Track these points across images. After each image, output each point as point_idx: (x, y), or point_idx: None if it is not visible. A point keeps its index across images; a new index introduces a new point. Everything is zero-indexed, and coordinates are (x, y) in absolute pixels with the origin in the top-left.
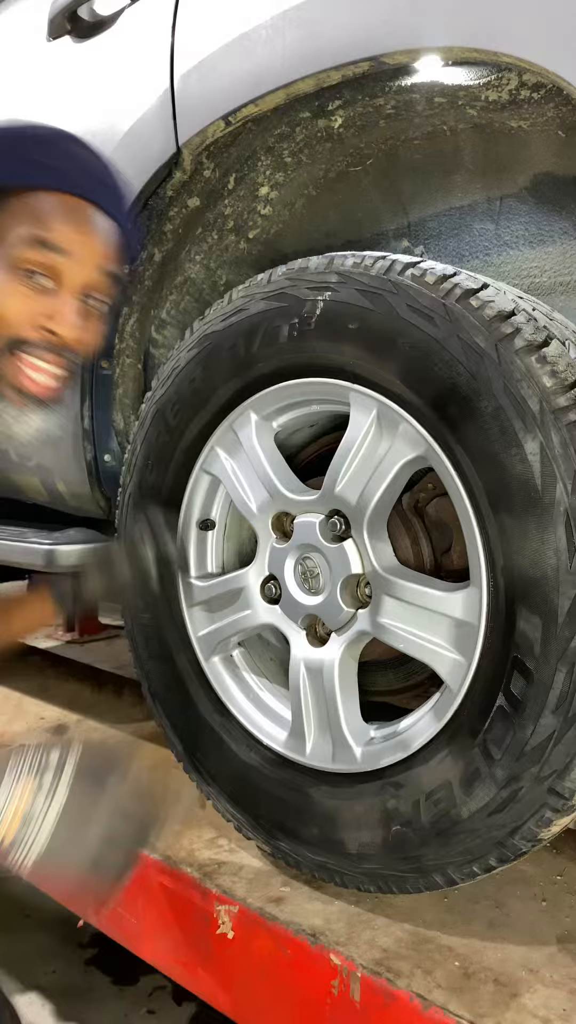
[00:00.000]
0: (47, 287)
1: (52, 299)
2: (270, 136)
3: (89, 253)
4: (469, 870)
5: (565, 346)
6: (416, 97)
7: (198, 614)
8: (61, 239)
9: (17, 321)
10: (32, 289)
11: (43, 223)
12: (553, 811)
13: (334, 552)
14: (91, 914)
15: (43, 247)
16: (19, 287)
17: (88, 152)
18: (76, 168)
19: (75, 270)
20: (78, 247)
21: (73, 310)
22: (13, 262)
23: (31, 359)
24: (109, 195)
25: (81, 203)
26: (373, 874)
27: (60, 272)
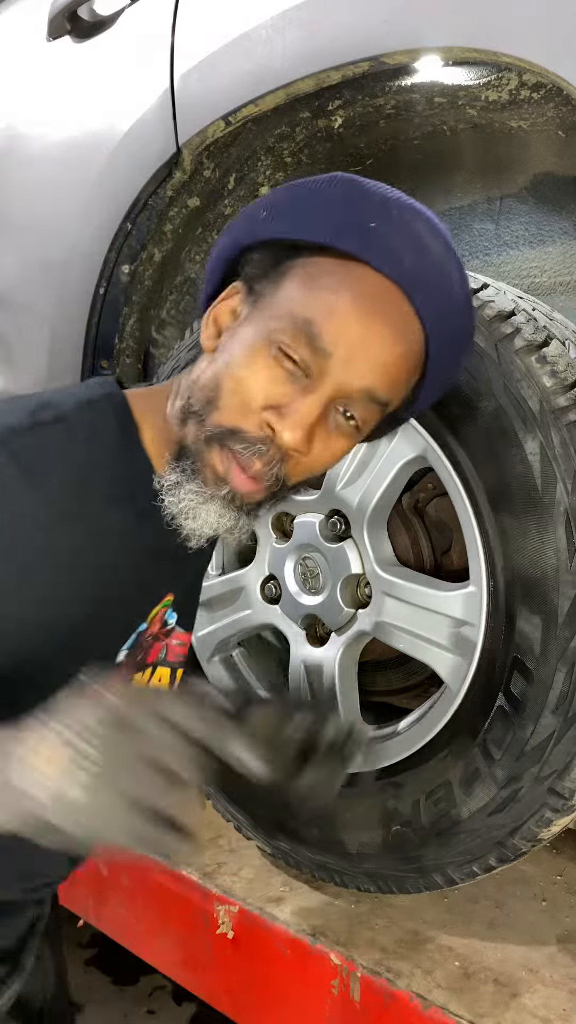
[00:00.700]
0: (298, 377)
1: (297, 394)
2: (270, 136)
3: (367, 364)
4: (469, 870)
5: (565, 346)
6: (416, 97)
7: (198, 614)
8: (333, 333)
9: (248, 399)
10: (284, 375)
11: (321, 305)
12: (553, 811)
13: (334, 552)
14: (91, 914)
15: (309, 336)
16: (268, 363)
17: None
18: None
19: (343, 379)
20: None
21: (309, 416)
22: (272, 335)
23: (241, 455)
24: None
25: (392, 292)
26: (373, 874)
27: (325, 374)
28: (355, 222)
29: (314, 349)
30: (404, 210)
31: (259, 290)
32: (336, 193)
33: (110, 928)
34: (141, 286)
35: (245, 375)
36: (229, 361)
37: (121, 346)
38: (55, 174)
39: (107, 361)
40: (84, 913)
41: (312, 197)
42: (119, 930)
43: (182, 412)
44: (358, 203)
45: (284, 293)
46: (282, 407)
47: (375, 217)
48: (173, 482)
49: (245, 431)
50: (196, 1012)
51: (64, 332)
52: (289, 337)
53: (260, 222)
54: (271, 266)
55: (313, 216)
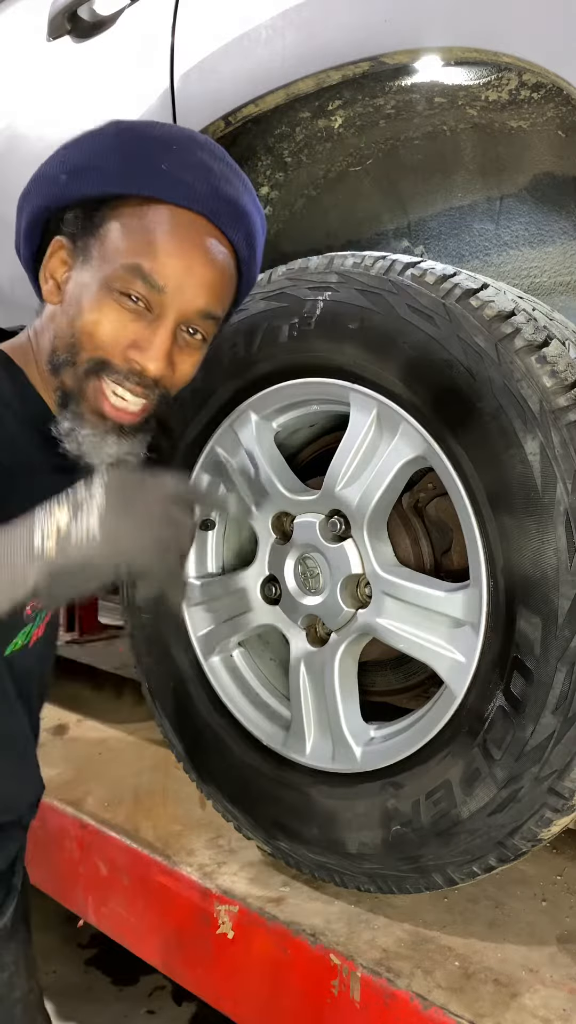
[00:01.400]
0: (143, 313)
1: (146, 328)
2: (270, 136)
3: (194, 288)
4: (469, 870)
5: (565, 346)
6: (416, 97)
7: (198, 614)
8: (162, 271)
9: (107, 343)
10: (129, 315)
11: (146, 248)
12: (553, 811)
13: (334, 552)
14: (91, 914)
15: (143, 279)
16: (112, 308)
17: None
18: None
19: (179, 306)
20: (182, 281)
21: (163, 342)
22: (110, 283)
23: (116, 386)
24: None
25: (196, 222)
26: (373, 874)
27: (164, 307)
28: (148, 167)
29: (149, 287)
30: (183, 143)
31: (83, 244)
32: (123, 144)
33: (110, 928)
34: None
35: (98, 319)
36: (80, 310)
37: None
38: None
39: None
40: (84, 913)
41: (102, 152)
42: (119, 930)
43: (52, 363)
44: (145, 148)
45: (109, 243)
46: (139, 342)
47: (163, 158)
48: (68, 428)
49: (113, 363)
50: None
51: None
52: (126, 282)
53: (63, 185)
54: (87, 220)
55: (109, 171)
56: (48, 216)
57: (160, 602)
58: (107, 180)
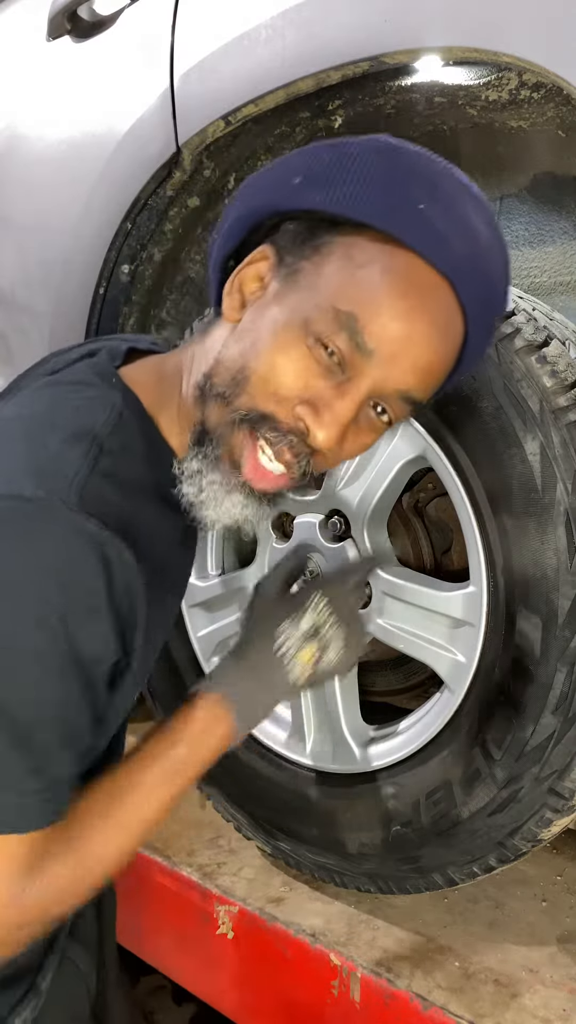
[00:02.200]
0: (334, 371)
1: (332, 390)
2: (270, 136)
3: (406, 366)
4: (469, 870)
5: (565, 346)
6: (416, 97)
7: (198, 614)
8: (375, 331)
9: (281, 393)
10: (319, 367)
11: (366, 299)
12: (553, 811)
13: (334, 552)
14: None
15: (350, 332)
16: (303, 352)
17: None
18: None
19: (380, 377)
20: (395, 350)
21: (344, 418)
22: (310, 324)
23: (267, 445)
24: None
25: (438, 285)
26: (373, 874)
27: (361, 371)
28: (402, 202)
29: (355, 345)
30: (452, 187)
31: (292, 264)
32: (380, 165)
33: None
34: (141, 286)
35: (279, 363)
36: (260, 343)
37: None
38: (55, 174)
39: None
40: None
41: (353, 167)
42: (119, 930)
43: (201, 391)
44: (405, 179)
45: (323, 276)
46: (318, 403)
47: (423, 196)
48: (194, 470)
49: (278, 419)
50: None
51: (64, 332)
52: (329, 329)
53: (294, 188)
54: (306, 239)
55: (355, 190)
56: (261, 220)
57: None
58: (351, 201)
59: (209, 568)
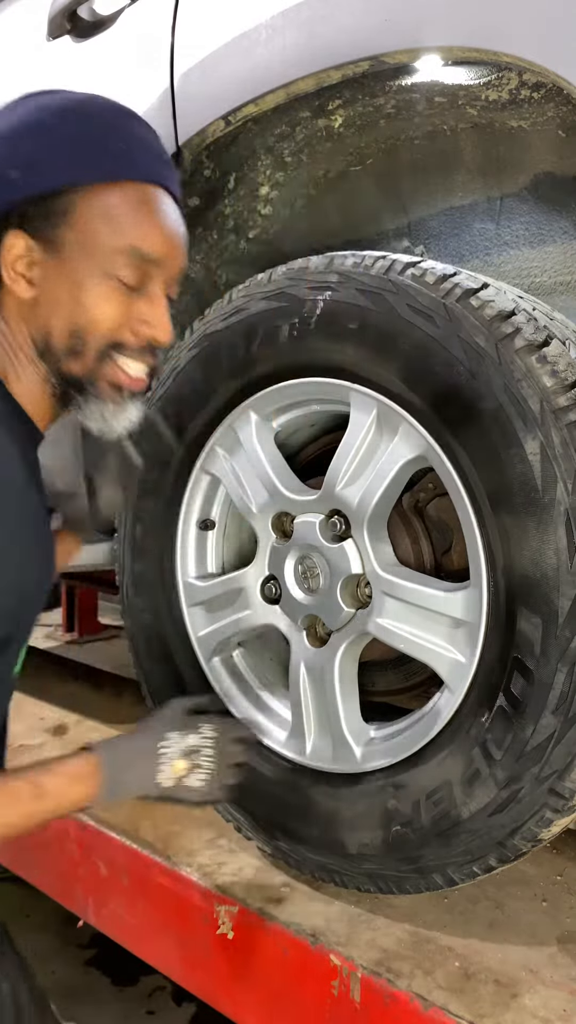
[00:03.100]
0: (140, 291)
1: (146, 303)
2: (270, 135)
3: (177, 253)
4: (469, 870)
5: (565, 346)
6: (416, 97)
7: (198, 614)
8: (155, 246)
9: (118, 326)
10: (127, 294)
11: (135, 230)
12: (553, 811)
13: (334, 552)
14: (91, 914)
15: (141, 258)
16: (114, 293)
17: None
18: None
19: (166, 273)
20: (169, 250)
21: (164, 311)
22: (108, 270)
23: (129, 360)
24: (172, 174)
25: (157, 192)
26: (373, 874)
27: (153, 277)
28: (104, 152)
29: (148, 263)
30: (118, 119)
31: (50, 236)
32: (73, 131)
33: (110, 928)
34: None
35: (104, 308)
36: (79, 303)
37: None
38: None
39: None
40: (84, 913)
41: (53, 143)
42: (119, 930)
43: (43, 355)
44: (93, 132)
45: (87, 232)
46: (145, 317)
47: (112, 138)
48: (91, 411)
49: (128, 343)
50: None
51: None
52: (128, 267)
53: (16, 182)
54: (49, 213)
55: (66, 161)
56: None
57: None
58: (68, 171)
59: (209, 568)
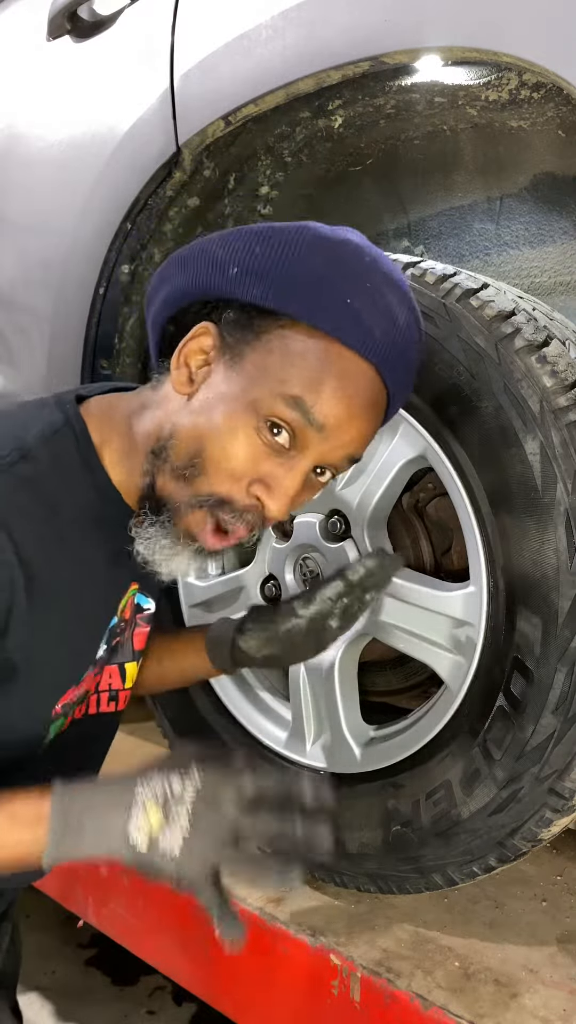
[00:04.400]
0: (281, 450)
1: (283, 467)
2: (270, 136)
3: (348, 437)
4: (469, 870)
5: (565, 346)
6: (416, 97)
7: (198, 614)
8: (325, 410)
9: (237, 476)
10: (268, 449)
11: (314, 385)
12: (553, 811)
13: (334, 552)
14: (91, 914)
15: (302, 414)
16: (255, 436)
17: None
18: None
19: (325, 448)
20: (339, 426)
21: (295, 486)
22: (261, 408)
23: (227, 522)
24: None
25: (367, 372)
26: (373, 874)
27: (308, 447)
28: (331, 299)
29: (306, 423)
30: (377, 279)
31: (234, 347)
32: (311, 262)
33: (110, 928)
34: (141, 286)
35: (232, 447)
36: (212, 425)
37: (121, 346)
38: (55, 174)
39: (107, 361)
40: (84, 913)
41: (286, 263)
42: (119, 930)
43: (156, 455)
44: (333, 275)
45: (270, 361)
46: (269, 481)
47: (350, 291)
48: (148, 535)
49: (235, 501)
50: (196, 1012)
51: (64, 332)
52: (279, 411)
53: (231, 279)
54: (246, 327)
55: (289, 286)
56: (199, 296)
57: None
58: (286, 298)
59: (209, 568)
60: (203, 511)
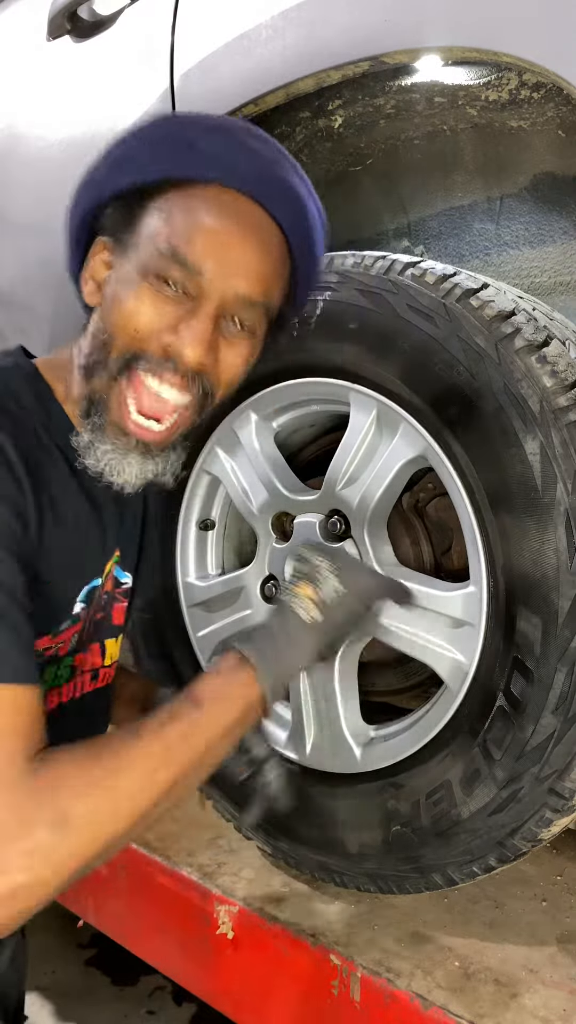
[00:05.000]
0: (181, 300)
1: (186, 316)
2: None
3: (234, 273)
4: (469, 870)
5: (565, 346)
6: (416, 97)
7: (198, 614)
8: (197, 252)
9: (143, 331)
10: (168, 301)
11: (184, 230)
12: (553, 811)
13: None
14: (91, 914)
15: (179, 262)
16: (148, 292)
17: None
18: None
19: (219, 291)
20: (220, 264)
21: (203, 330)
22: (146, 268)
23: (147, 376)
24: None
25: (245, 204)
26: (373, 874)
27: (205, 293)
28: (181, 149)
29: (186, 271)
30: (225, 125)
31: (123, 239)
32: (159, 132)
33: (110, 928)
34: None
35: (132, 308)
36: (114, 304)
37: None
38: (55, 174)
39: None
40: (84, 913)
41: (140, 143)
42: (119, 930)
43: (85, 368)
44: (180, 133)
45: (146, 232)
46: (177, 326)
47: (198, 138)
48: (87, 442)
49: (147, 353)
50: (196, 1012)
51: (64, 332)
52: (161, 266)
53: (102, 181)
54: (126, 214)
55: (146, 158)
56: (91, 219)
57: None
58: (145, 167)
59: (209, 568)
60: (123, 378)
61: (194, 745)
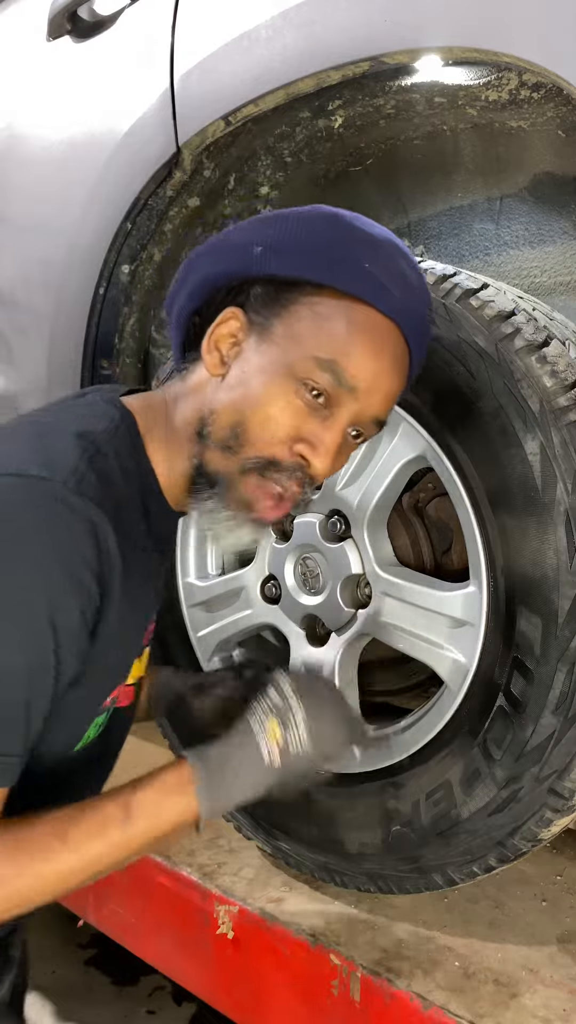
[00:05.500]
0: (318, 409)
1: (322, 425)
2: (270, 136)
3: (380, 394)
4: (469, 870)
5: (565, 346)
6: (416, 97)
7: (198, 614)
8: (357, 372)
9: (281, 438)
10: (307, 410)
11: (345, 347)
12: (553, 811)
13: (334, 552)
14: (91, 914)
15: (336, 377)
16: (294, 399)
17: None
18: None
19: (359, 407)
20: (372, 385)
21: (336, 444)
22: (298, 374)
23: (276, 486)
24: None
25: (391, 330)
26: (373, 874)
27: (343, 405)
28: (355, 265)
29: (338, 384)
30: (388, 248)
31: (263, 323)
32: (327, 232)
33: (110, 928)
34: (141, 286)
35: (274, 410)
36: (251, 394)
37: (121, 346)
38: (55, 174)
39: (107, 361)
40: (84, 913)
41: (306, 236)
42: (119, 930)
43: (199, 435)
44: (350, 243)
45: (299, 329)
46: (311, 439)
47: (367, 257)
48: (209, 508)
49: (281, 461)
50: (196, 1012)
51: (64, 332)
52: (315, 375)
53: (256, 257)
54: (273, 300)
55: (312, 256)
56: (224, 284)
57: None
58: (310, 266)
59: (209, 568)
60: (253, 476)
61: (116, 857)
